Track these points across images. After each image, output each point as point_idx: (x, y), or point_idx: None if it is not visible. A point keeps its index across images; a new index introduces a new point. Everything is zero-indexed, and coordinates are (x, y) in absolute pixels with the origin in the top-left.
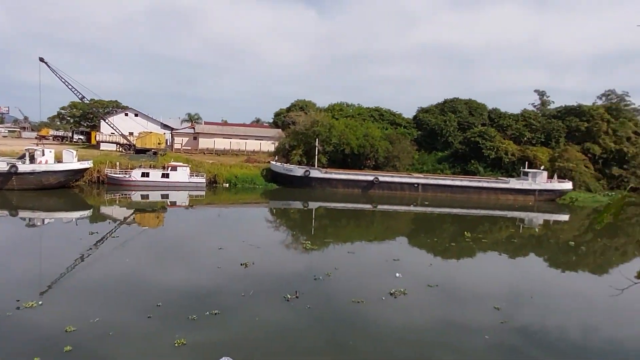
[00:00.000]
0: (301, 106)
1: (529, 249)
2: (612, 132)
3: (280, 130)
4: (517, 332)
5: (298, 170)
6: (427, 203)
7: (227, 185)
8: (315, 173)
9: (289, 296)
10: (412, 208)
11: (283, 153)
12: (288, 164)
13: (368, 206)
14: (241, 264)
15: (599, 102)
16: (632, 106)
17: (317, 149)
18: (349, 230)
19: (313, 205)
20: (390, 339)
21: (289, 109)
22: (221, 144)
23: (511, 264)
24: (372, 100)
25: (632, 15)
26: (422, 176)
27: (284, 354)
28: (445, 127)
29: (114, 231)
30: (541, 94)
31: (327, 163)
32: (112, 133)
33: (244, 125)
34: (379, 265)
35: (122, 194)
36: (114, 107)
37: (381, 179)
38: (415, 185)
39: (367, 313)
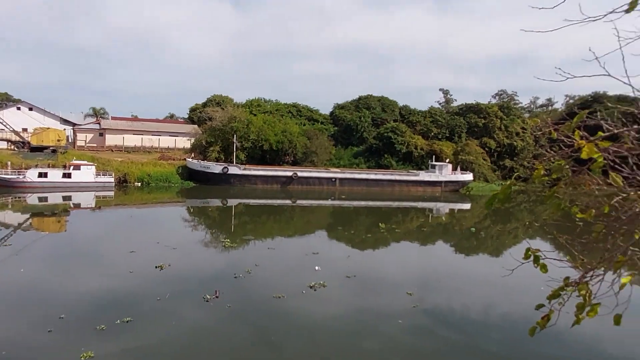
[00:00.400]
0: (218, 101)
1: (437, 237)
2: (505, 128)
3: (196, 126)
4: (428, 314)
5: (216, 167)
6: (344, 197)
7: (139, 184)
8: (233, 170)
9: (208, 297)
10: (330, 202)
11: (200, 150)
12: (205, 161)
13: (287, 201)
14: (156, 267)
15: (494, 101)
16: (520, 105)
17: (235, 145)
18: (269, 226)
19: (232, 202)
20: (311, 331)
21: (205, 104)
22: (131, 140)
23: (422, 251)
24: (290, 96)
25: (519, 24)
26: (339, 171)
27: (205, 356)
28: (360, 123)
29: (6, 239)
30: (445, 92)
31: (246, 159)
32: (1, 129)
33: (156, 120)
34: (299, 259)
35: (15, 197)
36: (4, 100)
37: (300, 174)
38: (333, 179)
39: (289, 307)
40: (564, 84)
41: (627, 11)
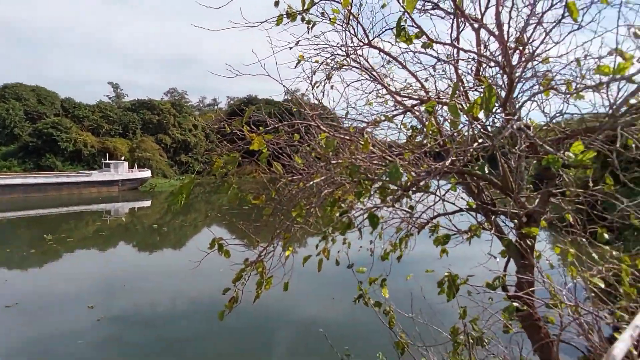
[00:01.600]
0: None
1: (118, 239)
2: (178, 124)
3: None
4: (114, 323)
5: None
6: None
7: None
8: None
9: None
10: None
11: None
12: None
13: None
14: None
15: (166, 98)
16: (190, 103)
17: None
18: None
19: None
20: None
21: None
22: None
23: (102, 257)
24: None
25: (187, 25)
26: None
27: None
28: (9, 117)
29: None
30: (115, 86)
31: None
32: None
33: None
34: None
35: None
36: None
37: None
38: None
39: None
40: (224, 88)
41: (277, 24)
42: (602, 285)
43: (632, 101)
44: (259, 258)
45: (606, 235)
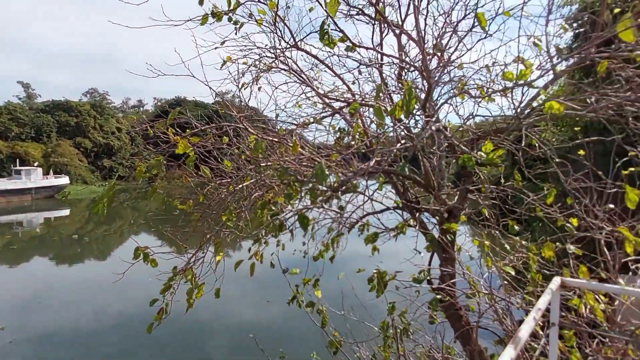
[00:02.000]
0: None
1: (32, 252)
2: (100, 127)
3: None
4: (30, 345)
5: None
6: None
7: None
8: None
9: None
10: None
11: None
12: None
13: None
14: None
15: (85, 99)
16: (113, 105)
17: None
18: None
19: None
20: None
21: None
22: None
23: (14, 273)
24: None
25: (104, 22)
26: None
27: None
28: None
29: None
30: (26, 86)
31: None
32: None
33: None
34: None
35: None
36: None
37: None
38: None
39: None
40: (150, 89)
41: (202, 23)
42: (513, 273)
43: (534, 104)
44: (188, 265)
45: (516, 227)
